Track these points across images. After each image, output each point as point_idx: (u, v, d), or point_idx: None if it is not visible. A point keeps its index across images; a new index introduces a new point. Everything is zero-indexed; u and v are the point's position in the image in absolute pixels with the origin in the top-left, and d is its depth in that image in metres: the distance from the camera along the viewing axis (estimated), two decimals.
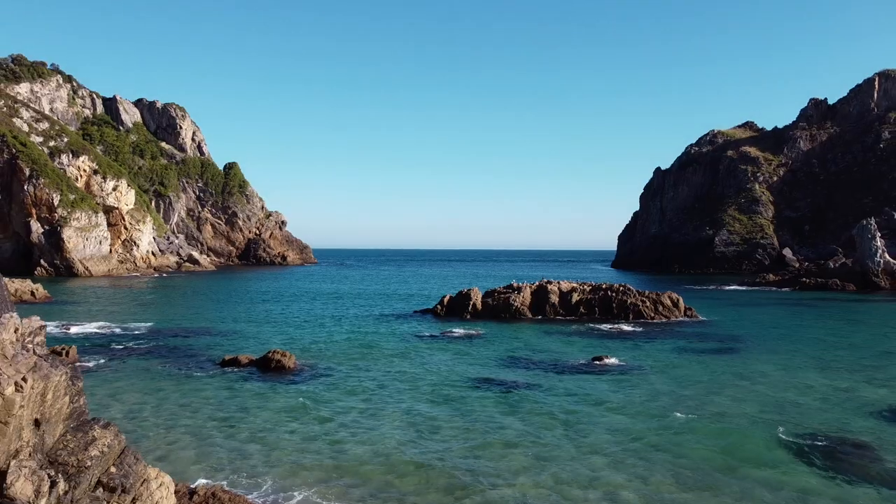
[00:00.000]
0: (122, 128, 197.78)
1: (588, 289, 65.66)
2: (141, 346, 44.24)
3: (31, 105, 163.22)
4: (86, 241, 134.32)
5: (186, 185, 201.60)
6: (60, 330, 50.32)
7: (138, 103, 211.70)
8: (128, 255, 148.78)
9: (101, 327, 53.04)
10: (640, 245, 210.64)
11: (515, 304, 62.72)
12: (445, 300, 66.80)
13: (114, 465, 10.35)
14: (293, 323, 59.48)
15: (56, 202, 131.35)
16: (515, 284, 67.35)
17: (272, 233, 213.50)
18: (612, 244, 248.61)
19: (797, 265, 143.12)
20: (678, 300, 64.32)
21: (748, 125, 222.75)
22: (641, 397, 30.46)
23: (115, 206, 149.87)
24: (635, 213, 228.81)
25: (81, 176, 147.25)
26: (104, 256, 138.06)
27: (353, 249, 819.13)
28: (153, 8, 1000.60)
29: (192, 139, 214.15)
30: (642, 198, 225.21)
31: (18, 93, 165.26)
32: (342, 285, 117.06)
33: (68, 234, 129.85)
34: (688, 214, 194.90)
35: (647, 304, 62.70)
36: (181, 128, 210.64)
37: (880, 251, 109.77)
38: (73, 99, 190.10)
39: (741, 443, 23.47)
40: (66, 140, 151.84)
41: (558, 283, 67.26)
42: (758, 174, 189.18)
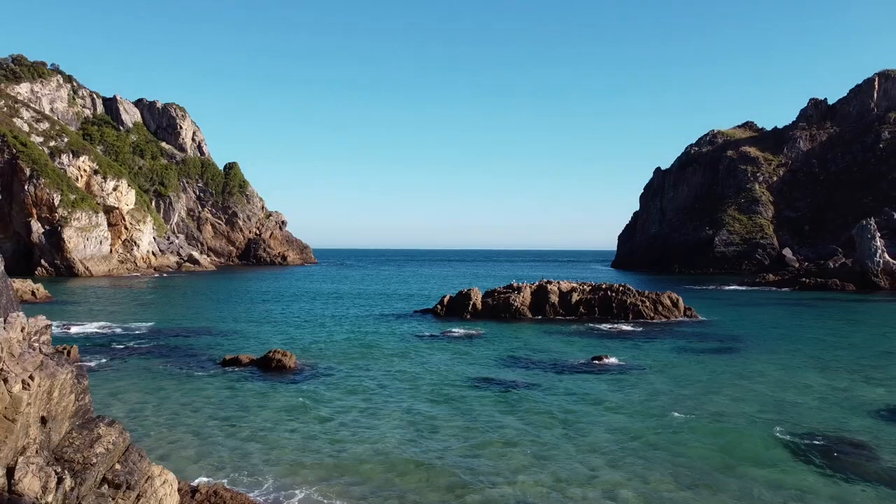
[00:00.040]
0: (122, 128, 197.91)
1: (588, 289, 65.78)
2: (142, 345, 44.37)
3: (32, 105, 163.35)
4: (86, 241, 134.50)
5: (186, 185, 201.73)
6: (61, 330, 50.42)
7: (138, 103, 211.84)
8: (128, 255, 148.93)
9: (101, 327, 53.16)
10: (640, 245, 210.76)
11: (515, 304, 62.84)
12: (445, 300, 66.93)
13: (119, 462, 10.49)
14: (293, 323, 59.59)
15: (56, 202, 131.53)
16: (515, 284, 67.45)
17: (272, 233, 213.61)
18: (612, 244, 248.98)
19: (797, 265, 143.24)
20: (678, 300, 64.43)
21: (748, 125, 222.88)
22: (640, 397, 30.59)
23: (116, 206, 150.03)
24: (635, 213, 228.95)
25: (82, 176, 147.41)
26: (104, 256, 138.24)
27: (354, 249, 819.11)
28: (153, 8, 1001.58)
29: (193, 139, 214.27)
30: (642, 198, 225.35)
31: (19, 93, 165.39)
32: (342, 285, 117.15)
33: (69, 234, 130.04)
34: (688, 214, 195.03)
35: (647, 303, 62.83)
36: (181, 128, 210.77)
37: (880, 251, 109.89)
38: (74, 99, 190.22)
39: (739, 442, 23.60)
40: (66, 140, 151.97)
41: (558, 283, 67.38)
42: (758, 174, 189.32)
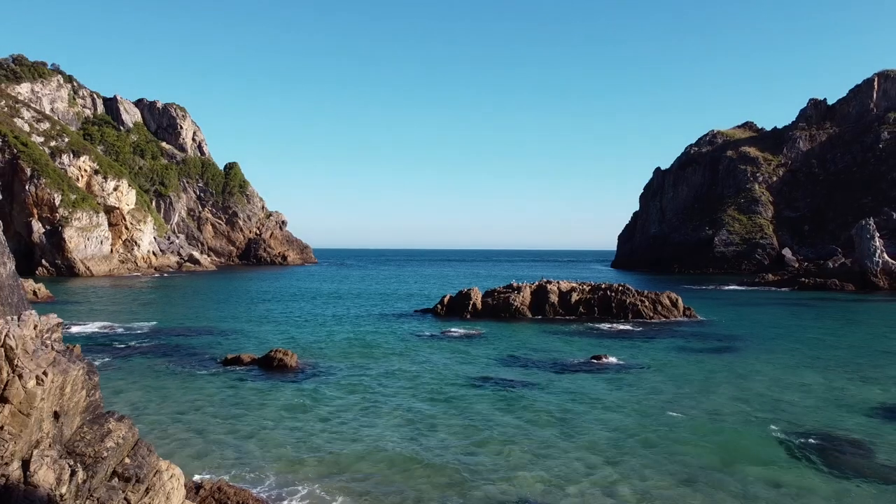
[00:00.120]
0: (122, 128, 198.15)
1: (587, 288, 66.01)
2: (143, 345, 44.60)
3: (32, 105, 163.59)
4: (87, 241, 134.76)
5: (187, 185, 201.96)
6: (63, 329, 50.60)
7: (139, 103, 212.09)
8: (129, 254, 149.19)
9: (103, 327, 53.38)
10: (639, 245, 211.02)
11: (515, 304, 63.09)
12: (445, 300, 67.18)
13: (128, 456, 10.76)
14: (294, 322, 59.82)
15: (57, 202, 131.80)
16: (515, 284, 67.69)
17: (272, 233, 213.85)
18: (612, 244, 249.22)
19: (796, 265, 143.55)
20: (677, 300, 64.67)
21: (748, 125, 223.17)
22: (639, 395, 30.84)
23: (116, 206, 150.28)
24: (635, 214, 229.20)
25: (82, 176, 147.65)
26: (105, 256, 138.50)
27: (354, 249, 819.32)
28: (153, 8, 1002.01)
29: (193, 139, 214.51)
30: (642, 198, 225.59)
31: (19, 93, 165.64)
32: (342, 285, 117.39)
33: (69, 233, 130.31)
34: (687, 214, 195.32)
35: (646, 303, 63.07)
36: (182, 128, 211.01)
37: (879, 251, 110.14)
38: (74, 99, 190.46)
39: (737, 440, 23.83)
40: (66, 140, 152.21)
41: (558, 282, 67.63)
42: (757, 174, 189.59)
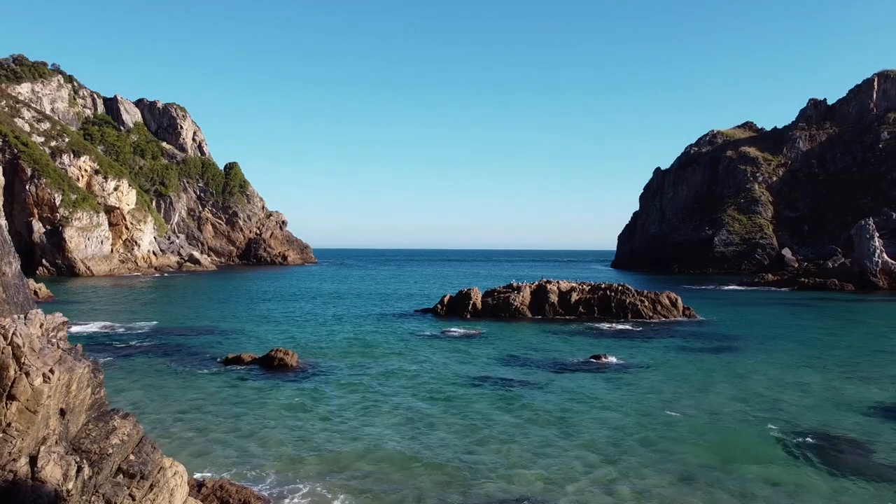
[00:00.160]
0: (122, 128, 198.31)
1: (587, 288, 66.14)
2: (144, 344, 44.73)
3: (33, 105, 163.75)
4: (87, 241, 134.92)
5: (187, 184, 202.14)
6: None
7: (139, 103, 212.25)
8: (129, 254, 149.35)
9: (103, 326, 53.49)
10: (639, 245, 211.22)
11: (515, 304, 63.22)
12: (445, 300, 67.31)
13: (133, 453, 10.92)
14: (294, 322, 59.93)
15: (58, 202, 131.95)
16: (515, 284, 67.82)
17: (273, 233, 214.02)
18: (612, 244, 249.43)
19: (796, 265, 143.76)
20: (677, 300, 64.80)
21: (748, 125, 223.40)
22: (638, 395, 30.98)
23: (117, 205, 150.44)
24: (635, 214, 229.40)
25: (83, 176, 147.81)
26: (105, 256, 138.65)
27: (354, 249, 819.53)
28: (153, 8, 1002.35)
29: (193, 139, 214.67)
30: (642, 198, 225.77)
31: (20, 93, 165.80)
32: (343, 285, 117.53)
33: (70, 233, 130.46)
34: (687, 214, 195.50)
35: (646, 303, 63.20)
36: (182, 128, 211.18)
37: (878, 251, 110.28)
38: (74, 99, 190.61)
39: (736, 439, 23.95)
40: (67, 140, 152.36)
41: (558, 282, 67.76)
42: (757, 174, 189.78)
